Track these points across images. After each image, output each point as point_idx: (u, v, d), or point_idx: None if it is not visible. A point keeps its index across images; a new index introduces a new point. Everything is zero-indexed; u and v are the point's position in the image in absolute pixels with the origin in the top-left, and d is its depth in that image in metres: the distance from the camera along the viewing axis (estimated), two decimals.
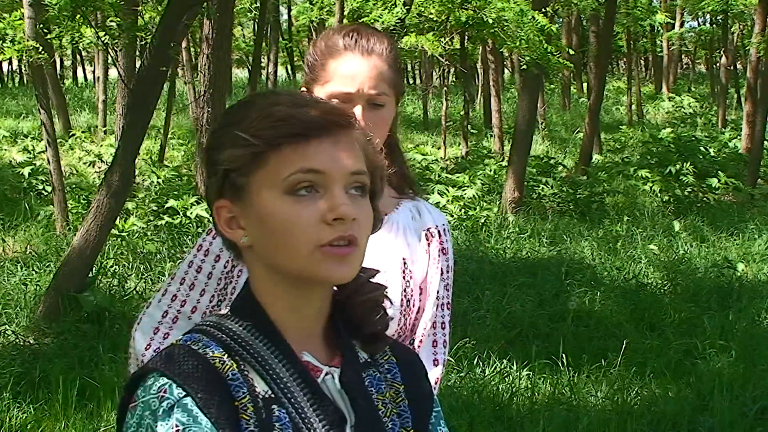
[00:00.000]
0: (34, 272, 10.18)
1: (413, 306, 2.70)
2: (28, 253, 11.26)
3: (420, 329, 2.72)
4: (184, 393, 1.59)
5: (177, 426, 1.57)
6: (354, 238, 1.66)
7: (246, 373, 1.66)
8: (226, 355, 1.67)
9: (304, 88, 2.69)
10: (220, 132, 1.76)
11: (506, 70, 43.00)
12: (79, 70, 53.67)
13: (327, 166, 1.65)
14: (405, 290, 2.67)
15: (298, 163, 1.65)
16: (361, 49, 2.58)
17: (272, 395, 1.66)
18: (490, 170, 18.18)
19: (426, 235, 2.74)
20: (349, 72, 2.56)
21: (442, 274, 2.74)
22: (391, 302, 1.91)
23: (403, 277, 2.67)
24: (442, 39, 18.33)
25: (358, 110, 2.53)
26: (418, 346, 2.70)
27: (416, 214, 2.75)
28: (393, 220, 2.70)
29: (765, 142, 18.54)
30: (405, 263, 2.68)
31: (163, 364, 1.64)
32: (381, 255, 2.63)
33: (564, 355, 7.78)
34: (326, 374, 1.73)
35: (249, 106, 1.73)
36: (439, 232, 2.77)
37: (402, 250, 2.69)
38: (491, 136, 24.42)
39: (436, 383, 2.67)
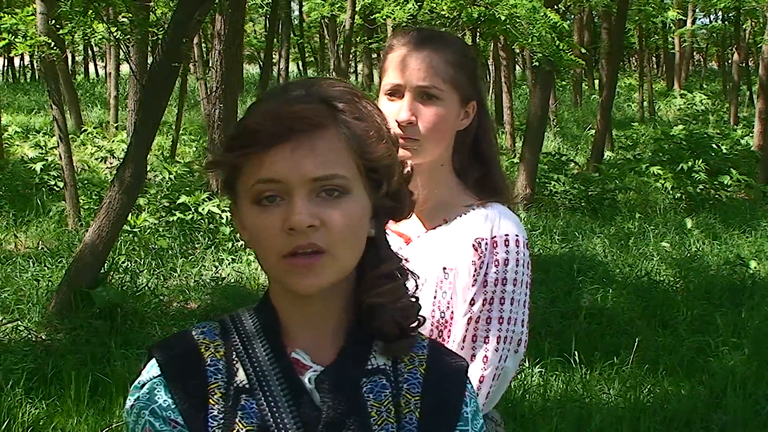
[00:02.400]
0: (46, 268, 10.19)
1: (451, 318, 2.61)
2: (40, 248, 11.28)
3: (450, 343, 2.60)
4: (158, 372, 1.70)
5: (133, 402, 1.71)
6: (316, 246, 1.65)
7: (234, 362, 1.72)
8: (219, 343, 1.74)
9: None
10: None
11: (518, 67, 42.94)
12: (91, 65, 53.71)
13: (283, 174, 1.65)
14: (438, 301, 2.61)
15: (258, 173, 1.67)
16: (415, 42, 2.60)
17: (247, 386, 1.69)
18: (502, 167, 18.15)
19: (473, 245, 2.62)
20: (399, 63, 2.58)
21: (485, 285, 2.60)
22: (417, 287, 1.87)
23: (439, 287, 2.61)
24: None
25: (405, 101, 2.55)
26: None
27: (478, 222, 2.65)
28: (450, 228, 2.66)
29: None
30: (446, 273, 2.61)
31: (158, 346, 1.76)
32: (425, 263, 2.59)
33: (576, 353, 7.77)
34: (313, 372, 1.73)
35: (245, 112, 1.78)
36: (494, 242, 2.62)
37: (444, 258, 2.62)
38: (503, 132, 24.38)
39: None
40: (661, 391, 7.39)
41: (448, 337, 2.62)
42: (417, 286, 1.86)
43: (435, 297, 2.61)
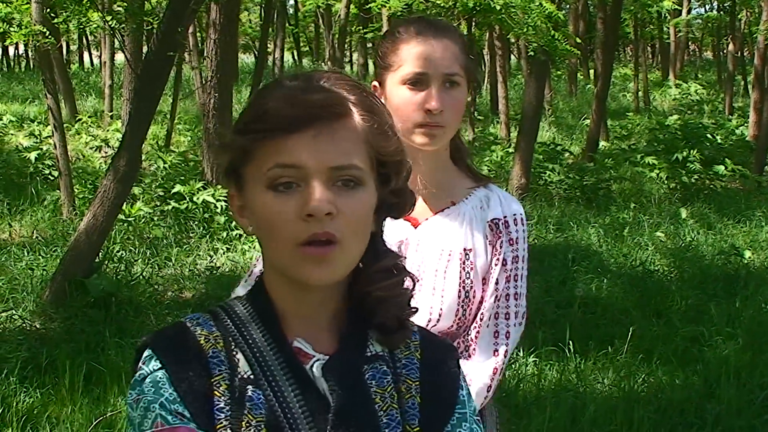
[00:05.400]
0: (40, 257, 10.19)
1: (473, 297, 2.72)
2: (34, 237, 11.27)
3: (476, 320, 2.74)
4: (159, 366, 1.65)
5: (138, 396, 1.65)
6: (331, 236, 1.65)
7: (234, 353, 1.69)
8: (217, 335, 1.70)
9: (376, 83, 2.75)
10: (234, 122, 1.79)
11: (513, 57, 42.91)
12: (86, 54, 53.58)
13: (304, 160, 1.64)
14: (464, 281, 2.70)
15: (276, 157, 1.65)
16: (434, 32, 2.64)
17: (251, 376, 1.67)
18: (497, 156, 18.18)
19: (489, 226, 2.75)
20: (423, 52, 2.61)
21: (505, 264, 2.74)
22: (414, 284, 1.88)
23: (463, 268, 2.70)
24: None
25: (433, 89, 2.59)
26: (476, 337, 2.73)
27: (485, 204, 2.77)
28: (460, 210, 2.74)
29: None
30: (467, 254, 2.70)
31: (153, 338, 1.71)
32: (442, 244, 2.69)
33: (571, 342, 7.77)
34: (316, 360, 1.73)
35: (255, 97, 1.76)
36: (506, 222, 2.76)
37: (464, 240, 2.71)
38: (498, 122, 24.37)
39: (494, 373, 2.72)
40: (655, 381, 7.40)
41: (470, 315, 2.73)
42: (414, 283, 1.87)
43: (461, 279, 2.70)
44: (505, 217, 2.76)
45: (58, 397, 6.59)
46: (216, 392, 1.64)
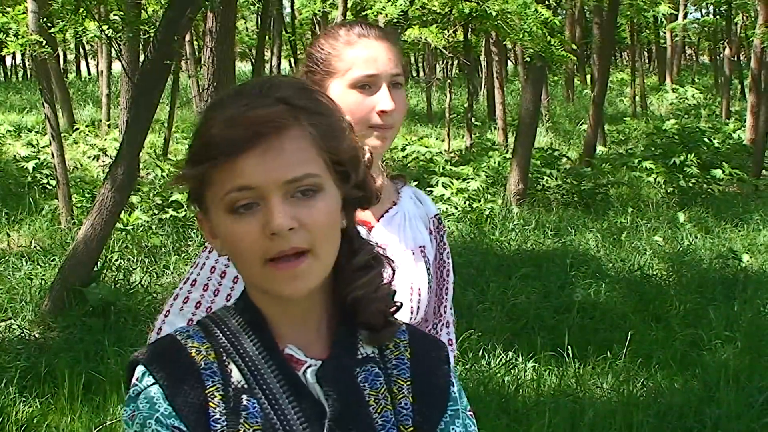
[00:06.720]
0: (39, 266, 10.19)
1: (434, 289, 2.80)
2: (33, 247, 11.26)
3: (440, 312, 2.84)
4: (152, 381, 1.66)
5: (133, 412, 1.67)
6: (300, 249, 1.65)
7: (226, 363, 1.70)
8: (208, 346, 1.71)
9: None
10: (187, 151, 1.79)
11: (510, 62, 42.94)
12: (83, 63, 53.67)
13: (257, 180, 1.63)
14: (429, 276, 2.75)
15: (230, 182, 1.64)
16: (376, 35, 2.65)
17: (245, 386, 1.68)
18: (494, 162, 18.18)
19: (433, 221, 2.84)
20: (370, 55, 2.62)
21: (449, 258, 2.87)
22: (393, 272, 1.89)
23: (425, 264, 2.75)
24: (446, 31, 18.32)
25: (384, 91, 2.59)
26: (441, 329, 2.83)
27: (416, 200, 2.83)
28: (402, 208, 2.76)
29: None
30: (422, 250, 2.75)
31: (144, 354, 1.72)
32: (404, 243, 2.72)
33: (569, 347, 7.77)
34: (309, 367, 1.73)
35: (200, 123, 1.74)
36: (439, 217, 2.88)
37: (419, 238, 2.76)
38: (495, 128, 24.42)
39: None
40: (654, 385, 7.40)
41: (431, 307, 2.82)
42: (393, 271, 1.87)
43: (428, 273, 2.76)
44: (437, 213, 2.89)
45: (57, 406, 6.58)
46: (211, 403, 1.65)
